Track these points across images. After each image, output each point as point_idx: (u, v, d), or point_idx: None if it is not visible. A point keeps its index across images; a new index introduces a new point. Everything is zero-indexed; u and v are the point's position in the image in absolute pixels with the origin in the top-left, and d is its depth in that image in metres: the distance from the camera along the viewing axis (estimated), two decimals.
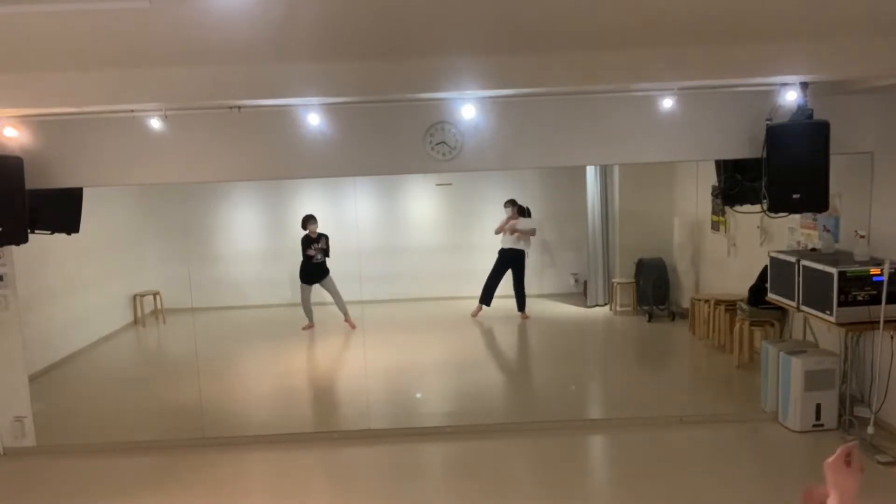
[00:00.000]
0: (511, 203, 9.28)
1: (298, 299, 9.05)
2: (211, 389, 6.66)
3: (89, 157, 5.18)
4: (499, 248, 9.34)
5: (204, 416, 6.02)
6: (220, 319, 9.76)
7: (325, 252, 8.83)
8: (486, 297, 9.34)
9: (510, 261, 9.27)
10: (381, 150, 5.25)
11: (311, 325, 9.04)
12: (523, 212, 9.38)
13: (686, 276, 9.00)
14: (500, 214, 9.35)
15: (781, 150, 4.81)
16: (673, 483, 4.63)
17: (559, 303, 10.01)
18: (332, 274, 8.92)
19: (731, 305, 7.19)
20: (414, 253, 10.26)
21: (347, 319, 8.88)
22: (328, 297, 8.95)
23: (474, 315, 9.34)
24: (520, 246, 9.27)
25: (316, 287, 8.93)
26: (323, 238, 8.85)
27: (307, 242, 8.83)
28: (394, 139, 5.24)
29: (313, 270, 8.84)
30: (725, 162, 5.48)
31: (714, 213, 8.08)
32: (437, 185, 10.10)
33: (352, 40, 3.94)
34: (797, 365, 5.28)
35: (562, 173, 9.94)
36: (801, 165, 4.76)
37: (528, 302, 9.38)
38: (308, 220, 8.82)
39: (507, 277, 9.35)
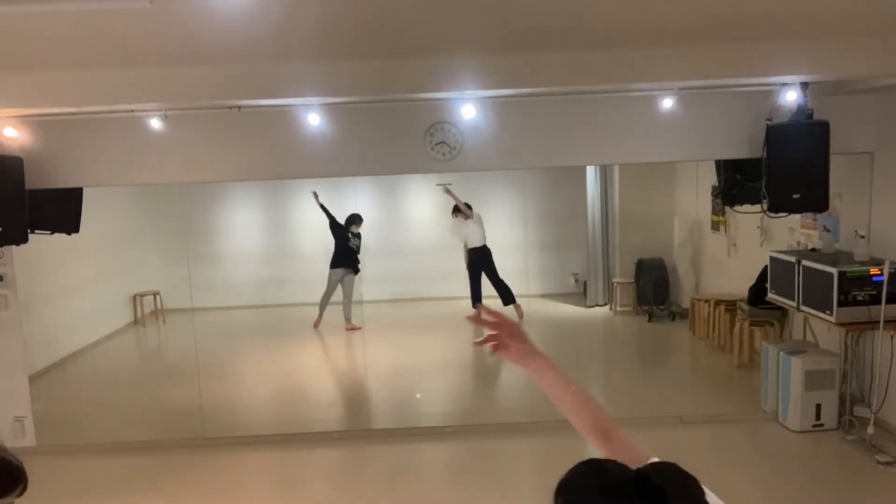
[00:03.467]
0: (456, 210, 9.03)
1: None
2: (211, 389, 6.66)
3: (89, 157, 5.18)
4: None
5: (204, 416, 6.02)
6: (220, 319, 9.76)
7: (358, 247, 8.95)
8: (475, 297, 9.22)
9: (477, 259, 9.04)
10: (381, 150, 5.25)
11: (319, 321, 8.95)
12: (469, 207, 9.06)
13: (686, 276, 9.00)
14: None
15: (781, 150, 4.81)
16: None
17: (559, 303, 10.01)
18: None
19: (731, 305, 7.19)
20: (414, 253, 10.25)
21: (349, 323, 8.86)
22: (334, 299, 8.92)
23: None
24: (476, 243, 8.99)
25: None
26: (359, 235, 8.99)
27: (347, 228, 8.89)
28: (394, 139, 5.24)
29: (350, 255, 8.85)
30: (725, 162, 5.48)
31: (714, 213, 8.08)
32: (438, 185, 10.10)
33: (352, 40, 3.94)
34: (797, 365, 5.28)
35: (562, 173, 9.92)
36: (801, 165, 4.76)
37: (527, 301, 9.33)
38: (355, 219, 8.95)
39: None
